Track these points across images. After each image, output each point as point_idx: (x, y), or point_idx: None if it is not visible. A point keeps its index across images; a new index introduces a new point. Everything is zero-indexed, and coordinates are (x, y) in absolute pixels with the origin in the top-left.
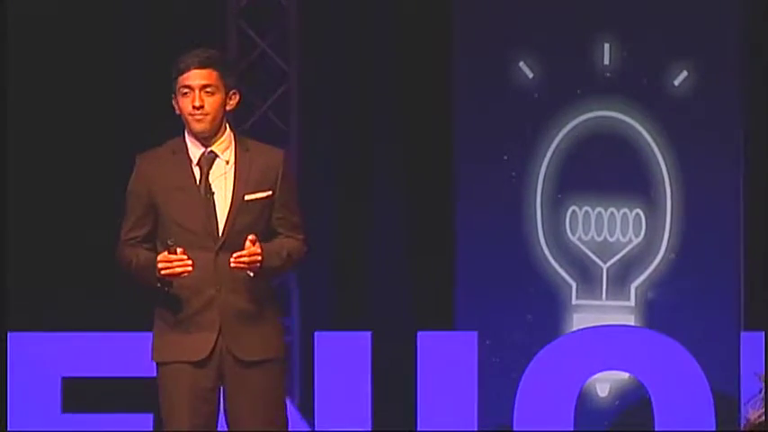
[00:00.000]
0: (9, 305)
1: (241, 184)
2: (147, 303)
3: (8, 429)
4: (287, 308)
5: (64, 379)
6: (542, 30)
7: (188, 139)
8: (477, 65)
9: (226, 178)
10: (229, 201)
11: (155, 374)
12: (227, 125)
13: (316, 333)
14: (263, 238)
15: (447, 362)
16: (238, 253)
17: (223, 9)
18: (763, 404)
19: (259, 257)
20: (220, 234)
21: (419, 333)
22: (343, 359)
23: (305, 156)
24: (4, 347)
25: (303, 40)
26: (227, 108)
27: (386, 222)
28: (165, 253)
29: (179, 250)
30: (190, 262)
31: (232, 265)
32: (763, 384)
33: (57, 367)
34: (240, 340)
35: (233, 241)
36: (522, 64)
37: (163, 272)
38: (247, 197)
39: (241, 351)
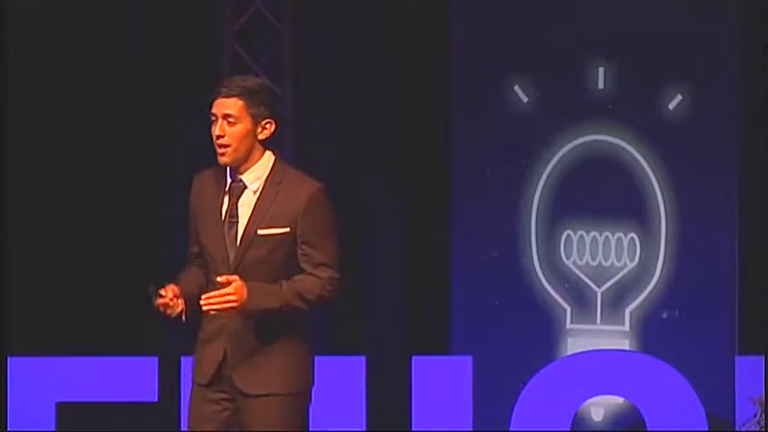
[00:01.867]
0: (9, 329)
1: (258, 217)
2: (143, 329)
3: None
4: None
5: (58, 404)
6: (537, 54)
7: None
8: (471, 89)
9: (248, 209)
10: (242, 232)
11: (148, 399)
12: (269, 152)
13: None
14: (282, 272)
15: (442, 386)
16: (207, 294)
17: (217, 32)
18: (760, 428)
19: (233, 298)
20: (231, 264)
21: (414, 358)
22: (337, 384)
23: None
24: (4, 372)
25: (297, 63)
26: (261, 137)
27: (381, 246)
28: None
29: (164, 292)
30: (179, 308)
31: (203, 307)
32: (761, 408)
33: (51, 392)
34: (242, 372)
35: (245, 272)
36: (516, 88)
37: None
38: (260, 231)
39: (242, 382)
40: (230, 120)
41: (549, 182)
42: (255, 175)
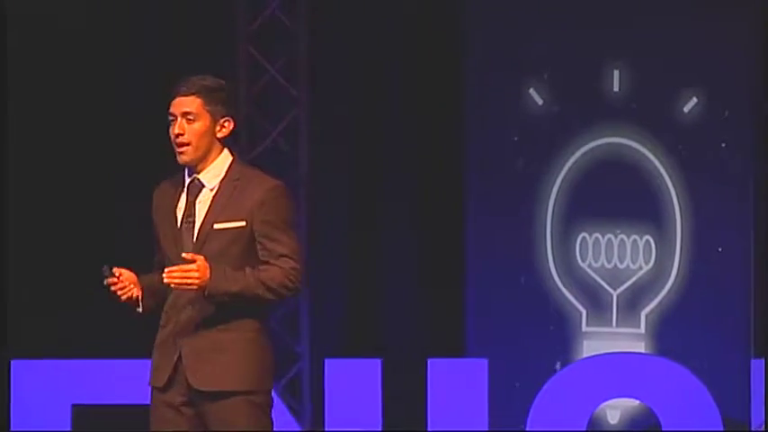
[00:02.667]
0: (12, 332)
1: (215, 211)
2: (156, 330)
3: None
4: (297, 334)
5: (74, 406)
6: (552, 56)
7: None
8: (487, 92)
9: (205, 206)
10: (199, 227)
11: None
12: (227, 151)
13: (326, 360)
14: (239, 267)
15: (458, 389)
16: (170, 268)
17: (232, 34)
18: None
19: (195, 275)
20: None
21: (430, 360)
22: (353, 386)
23: (314, 183)
24: (8, 375)
25: (312, 65)
26: (219, 135)
27: (396, 249)
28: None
29: (117, 272)
30: (131, 293)
31: (165, 279)
32: None
33: (67, 394)
34: (196, 369)
35: None
36: (531, 90)
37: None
38: (216, 225)
39: (196, 380)
40: (189, 117)
41: (565, 184)
42: (213, 174)
